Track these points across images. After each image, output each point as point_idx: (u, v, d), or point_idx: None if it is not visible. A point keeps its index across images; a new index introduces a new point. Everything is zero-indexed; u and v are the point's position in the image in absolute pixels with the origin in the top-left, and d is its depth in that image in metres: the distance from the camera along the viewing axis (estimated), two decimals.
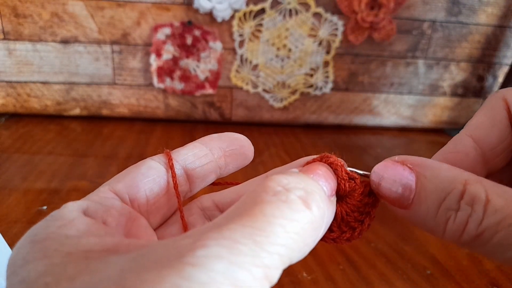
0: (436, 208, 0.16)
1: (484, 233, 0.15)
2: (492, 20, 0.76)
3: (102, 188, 0.17)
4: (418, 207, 0.17)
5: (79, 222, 0.14)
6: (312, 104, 0.79)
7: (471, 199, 0.15)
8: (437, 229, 0.16)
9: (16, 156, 0.58)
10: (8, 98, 0.72)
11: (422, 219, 0.17)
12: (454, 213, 0.16)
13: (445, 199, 0.16)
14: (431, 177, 0.16)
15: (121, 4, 0.67)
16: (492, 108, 0.19)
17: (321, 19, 0.71)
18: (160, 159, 0.19)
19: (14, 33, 0.67)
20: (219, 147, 0.20)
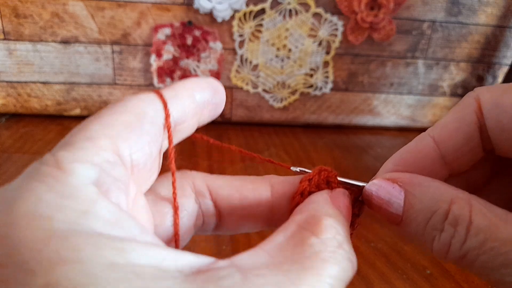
0: (423, 227, 0.16)
1: (467, 255, 0.15)
2: (491, 20, 0.76)
3: (103, 142, 0.13)
4: (407, 225, 0.17)
5: (103, 209, 0.11)
6: (312, 104, 0.79)
7: (455, 220, 0.15)
8: (426, 244, 0.17)
9: (17, 156, 0.58)
10: (9, 98, 0.72)
11: (412, 236, 0.17)
12: (439, 233, 0.16)
13: (430, 218, 0.16)
14: (420, 195, 0.17)
15: (121, 4, 0.67)
16: (462, 109, 0.19)
17: (321, 19, 0.71)
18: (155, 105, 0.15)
19: (14, 33, 0.67)
20: (205, 99, 0.17)
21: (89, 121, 0.14)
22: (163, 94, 0.16)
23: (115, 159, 0.13)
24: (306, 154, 0.67)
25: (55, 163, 0.12)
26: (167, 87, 0.17)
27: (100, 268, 0.10)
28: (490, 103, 0.18)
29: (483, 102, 0.18)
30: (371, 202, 0.18)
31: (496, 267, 0.14)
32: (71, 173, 0.12)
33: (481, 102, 0.18)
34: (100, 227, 0.11)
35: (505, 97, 0.17)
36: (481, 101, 0.18)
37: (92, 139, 0.13)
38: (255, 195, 0.19)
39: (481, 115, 0.18)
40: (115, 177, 0.13)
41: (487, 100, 0.18)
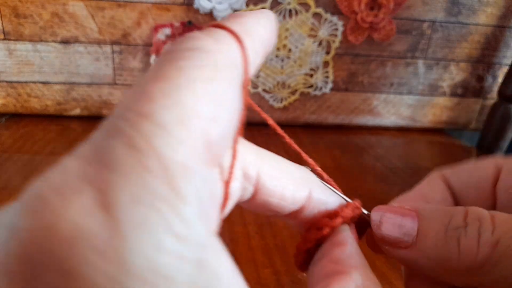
0: (443, 233, 0.16)
1: (500, 241, 0.15)
2: (491, 21, 0.76)
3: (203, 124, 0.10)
4: (423, 240, 0.17)
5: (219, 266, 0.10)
6: (312, 104, 0.79)
7: (476, 216, 0.16)
8: (450, 255, 0.16)
9: (17, 156, 0.58)
10: (9, 98, 0.72)
11: (432, 250, 0.16)
12: (463, 229, 0.16)
13: (450, 221, 0.16)
14: (431, 210, 0.17)
15: (121, 4, 0.67)
16: (430, 179, 0.21)
17: (321, 19, 0.71)
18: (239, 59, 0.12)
19: (14, 33, 0.67)
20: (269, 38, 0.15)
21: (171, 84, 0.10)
22: (240, 37, 0.12)
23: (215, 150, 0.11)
24: (306, 154, 0.67)
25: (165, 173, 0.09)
26: (234, 20, 0.13)
27: None
28: (449, 171, 0.21)
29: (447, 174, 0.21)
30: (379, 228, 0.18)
31: None
32: (184, 201, 0.09)
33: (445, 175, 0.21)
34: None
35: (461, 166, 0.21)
36: (445, 174, 0.21)
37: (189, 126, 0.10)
38: (292, 198, 0.18)
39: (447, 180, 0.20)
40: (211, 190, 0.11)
41: (446, 171, 0.21)
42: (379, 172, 0.62)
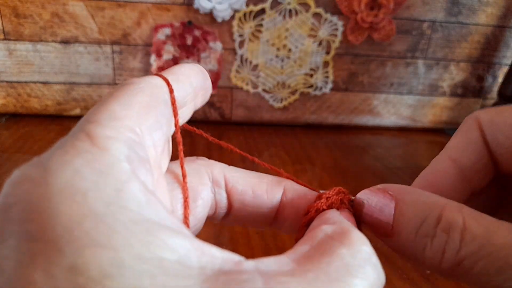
0: (414, 235, 0.16)
1: (464, 262, 0.15)
2: (491, 20, 0.76)
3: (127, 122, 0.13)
4: (398, 234, 0.17)
5: (135, 189, 0.11)
6: (312, 104, 0.79)
7: (448, 226, 0.15)
8: (416, 257, 0.16)
9: (17, 156, 0.58)
10: (9, 98, 0.72)
11: (403, 247, 0.16)
12: (430, 240, 0.15)
13: (421, 225, 0.16)
14: (410, 202, 0.16)
15: (121, 4, 0.67)
16: (466, 130, 0.20)
17: (321, 19, 0.71)
18: (164, 88, 0.16)
19: (14, 33, 0.67)
20: (199, 84, 0.18)
21: (106, 101, 0.14)
22: (166, 77, 0.16)
23: (139, 139, 0.13)
24: (306, 154, 0.67)
25: (89, 138, 0.12)
26: (166, 70, 0.17)
27: (129, 258, 0.09)
28: (487, 122, 0.19)
29: (482, 121, 0.19)
30: (361, 212, 0.18)
31: (494, 273, 0.14)
32: (106, 149, 0.11)
33: (480, 121, 0.19)
34: (133, 207, 0.10)
35: (500, 115, 0.19)
36: (480, 120, 0.19)
37: (117, 119, 0.13)
38: (267, 197, 0.20)
39: (483, 132, 0.19)
40: (141, 156, 0.13)
41: (484, 119, 0.19)
42: (379, 172, 0.62)
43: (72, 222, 0.09)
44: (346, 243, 0.13)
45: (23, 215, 0.10)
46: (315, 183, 0.57)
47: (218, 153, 0.64)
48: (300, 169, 0.61)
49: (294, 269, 0.12)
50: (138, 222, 0.10)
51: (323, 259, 0.12)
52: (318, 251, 0.13)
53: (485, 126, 0.19)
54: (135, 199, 0.11)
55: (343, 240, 0.13)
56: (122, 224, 0.10)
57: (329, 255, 0.13)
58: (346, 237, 0.14)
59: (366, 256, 0.13)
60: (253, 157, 0.22)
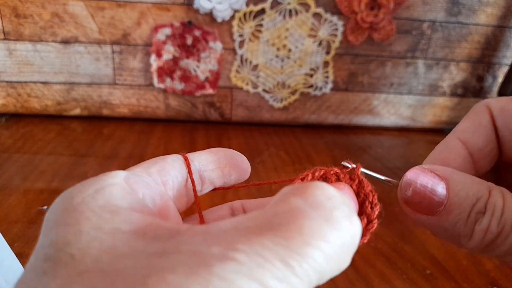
0: (467, 213, 0.17)
1: (503, 230, 0.17)
2: (491, 21, 0.76)
3: (136, 168, 0.17)
4: (448, 213, 0.18)
5: (117, 188, 0.14)
6: (312, 104, 0.79)
7: (493, 204, 0.17)
8: (465, 234, 0.17)
9: (17, 156, 0.58)
10: (9, 98, 0.72)
11: (452, 225, 0.18)
12: (482, 216, 0.17)
13: (475, 204, 0.17)
14: (463, 184, 0.18)
15: (121, 4, 0.67)
16: (476, 114, 0.21)
17: (321, 19, 0.72)
18: (177, 156, 0.20)
19: (14, 33, 0.67)
20: (225, 158, 0.21)
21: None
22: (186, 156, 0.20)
23: (146, 175, 0.17)
24: (306, 154, 0.67)
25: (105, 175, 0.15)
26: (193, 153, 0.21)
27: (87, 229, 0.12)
28: (498, 109, 0.20)
29: (492, 108, 0.20)
30: (411, 191, 0.19)
31: None
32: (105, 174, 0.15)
33: (491, 108, 0.20)
34: (105, 199, 0.13)
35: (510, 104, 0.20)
36: (491, 107, 0.20)
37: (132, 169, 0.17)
38: None
39: (493, 118, 0.20)
40: (143, 180, 0.16)
41: (495, 106, 0.20)
42: (379, 172, 0.62)
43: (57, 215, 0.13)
44: (303, 193, 0.13)
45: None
46: None
47: None
48: (300, 169, 0.61)
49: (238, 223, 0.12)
50: (105, 207, 0.13)
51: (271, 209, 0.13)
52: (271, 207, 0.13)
53: (496, 113, 0.20)
54: (111, 195, 0.14)
55: (300, 192, 0.13)
56: (90, 209, 0.13)
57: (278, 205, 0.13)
58: (305, 189, 0.13)
59: (320, 199, 0.13)
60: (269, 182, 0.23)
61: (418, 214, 0.18)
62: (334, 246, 0.12)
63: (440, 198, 0.18)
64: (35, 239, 0.39)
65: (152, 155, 0.62)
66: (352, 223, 0.13)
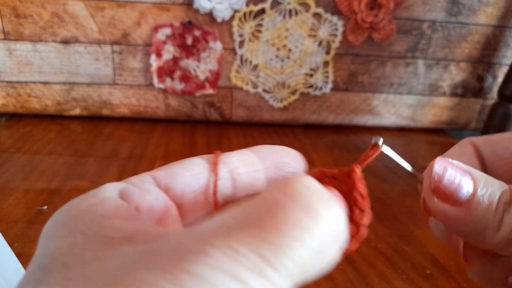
0: (495, 203, 0.18)
1: None
2: (491, 20, 0.76)
3: (145, 173, 0.17)
4: (477, 203, 0.18)
5: (110, 202, 0.14)
6: (312, 104, 0.79)
7: None
8: (493, 225, 0.18)
9: (17, 156, 0.58)
10: (9, 98, 0.72)
11: (480, 216, 0.18)
12: (509, 206, 0.18)
13: (501, 195, 0.18)
14: (486, 178, 0.18)
15: (121, 4, 0.67)
16: (459, 145, 0.22)
17: (321, 19, 0.72)
18: (208, 158, 0.18)
19: (14, 33, 0.68)
20: (270, 158, 0.19)
21: None
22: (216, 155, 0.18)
23: (150, 180, 0.17)
24: (306, 154, 0.67)
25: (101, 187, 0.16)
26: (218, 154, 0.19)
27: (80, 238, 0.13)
28: (482, 140, 0.22)
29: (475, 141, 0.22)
30: (442, 180, 0.19)
31: None
32: (101, 187, 0.16)
33: (474, 142, 0.22)
34: (101, 212, 0.14)
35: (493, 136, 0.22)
36: (474, 141, 0.22)
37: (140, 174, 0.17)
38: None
39: (478, 150, 0.22)
40: (144, 189, 0.16)
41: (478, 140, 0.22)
42: (379, 172, 0.63)
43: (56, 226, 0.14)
44: (280, 185, 0.12)
45: None
46: None
47: None
48: None
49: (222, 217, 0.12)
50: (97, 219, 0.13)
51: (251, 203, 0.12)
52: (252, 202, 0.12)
53: (480, 144, 0.21)
54: (103, 209, 0.14)
55: (278, 184, 0.13)
56: (83, 222, 0.13)
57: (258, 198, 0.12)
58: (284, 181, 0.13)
59: (300, 190, 0.12)
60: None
61: (446, 205, 0.18)
62: (314, 236, 0.11)
63: (468, 188, 0.18)
64: (35, 239, 0.40)
65: (152, 155, 0.62)
66: (334, 213, 0.12)
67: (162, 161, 0.60)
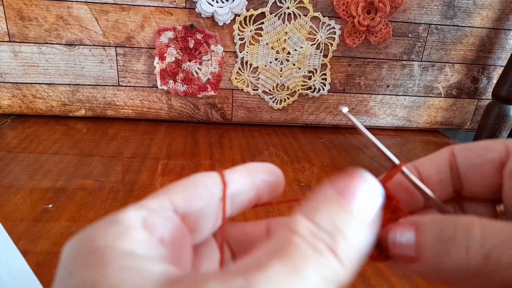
0: (436, 245, 0.16)
1: (491, 254, 0.15)
2: (486, 23, 0.77)
3: (162, 196, 0.17)
4: (422, 253, 0.17)
5: (136, 233, 0.14)
6: (310, 105, 0.80)
7: (465, 227, 0.16)
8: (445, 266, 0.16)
9: (22, 156, 0.59)
10: (14, 99, 0.73)
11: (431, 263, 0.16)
12: (452, 242, 0.16)
13: (441, 233, 0.16)
14: (429, 221, 0.17)
15: (125, 8, 0.68)
16: (438, 151, 0.22)
17: (319, 23, 0.73)
18: (214, 179, 0.19)
19: (19, 35, 0.68)
20: (262, 178, 0.20)
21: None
22: (223, 172, 0.19)
23: (170, 207, 0.16)
24: (305, 154, 0.68)
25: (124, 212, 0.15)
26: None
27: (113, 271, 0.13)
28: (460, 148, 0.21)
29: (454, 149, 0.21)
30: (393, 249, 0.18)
31: None
32: (122, 212, 0.15)
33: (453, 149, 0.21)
34: (129, 245, 0.14)
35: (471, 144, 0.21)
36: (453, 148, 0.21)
37: (154, 197, 0.17)
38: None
39: (454, 156, 0.21)
40: (166, 218, 0.16)
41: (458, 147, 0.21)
42: (375, 171, 0.63)
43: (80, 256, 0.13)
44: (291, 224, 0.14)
45: None
46: (313, 181, 0.58)
47: (219, 153, 0.65)
48: (298, 168, 0.62)
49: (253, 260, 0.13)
50: (128, 251, 0.13)
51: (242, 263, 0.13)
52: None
53: (457, 151, 0.21)
54: (133, 240, 0.14)
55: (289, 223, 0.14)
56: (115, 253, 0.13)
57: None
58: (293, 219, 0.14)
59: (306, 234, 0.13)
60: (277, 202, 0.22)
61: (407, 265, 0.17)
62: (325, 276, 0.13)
63: (410, 243, 0.17)
64: (40, 237, 0.41)
65: (155, 154, 0.63)
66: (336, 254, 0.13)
67: (166, 161, 0.61)
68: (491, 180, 0.20)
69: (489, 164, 0.20)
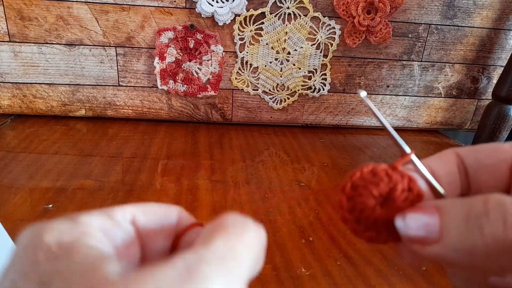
0: (465, 223, 0.16)
1: None
2: (486, 23, 0.77)
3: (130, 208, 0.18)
4: (447, 233, 0.17)
5: (98, 235, 0.15)
6: (310, 105, 0.80)
7: (498, 202, 0.16)
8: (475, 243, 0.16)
9: (22, 156, 0.59)
10: (14, 99, 0.73)
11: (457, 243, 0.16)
12: (485, 217, 0.16)
13: (469, 211, 0.16)
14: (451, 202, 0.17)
15: (125, 8, 0.68)
16: (443, 153, 0.22)
17: (319, 23, 0.73)
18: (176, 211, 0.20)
19: (19, 35, 0.68)
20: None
21: None
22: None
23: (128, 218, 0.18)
24: (305, 154, 0.68)
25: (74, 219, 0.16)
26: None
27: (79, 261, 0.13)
28: (466, 150, 0.21)
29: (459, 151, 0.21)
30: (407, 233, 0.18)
31: None
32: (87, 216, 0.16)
33: (458, 151, 0.21)
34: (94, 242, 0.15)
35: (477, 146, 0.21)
36: (458, 151, 0.21)
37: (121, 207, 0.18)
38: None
39: (461, 158, 0.21)
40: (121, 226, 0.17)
41: (463, 149, 0.21)
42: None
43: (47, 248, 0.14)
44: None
45: None
46: (313, 181, 0.58)
47: (219, 152, 0.65)
48: (298, 168, 0.62)
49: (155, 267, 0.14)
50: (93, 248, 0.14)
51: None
52: None
53: (464, 154, 0.21)
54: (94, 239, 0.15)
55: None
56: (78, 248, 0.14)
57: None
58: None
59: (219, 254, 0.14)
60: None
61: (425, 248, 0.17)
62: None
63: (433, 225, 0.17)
64: None
65: (155, 154, 0.63)
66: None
67: (165, 161, 0.61)
68: (504, 180, 0.20)
69: (503, 165, 0.20)
